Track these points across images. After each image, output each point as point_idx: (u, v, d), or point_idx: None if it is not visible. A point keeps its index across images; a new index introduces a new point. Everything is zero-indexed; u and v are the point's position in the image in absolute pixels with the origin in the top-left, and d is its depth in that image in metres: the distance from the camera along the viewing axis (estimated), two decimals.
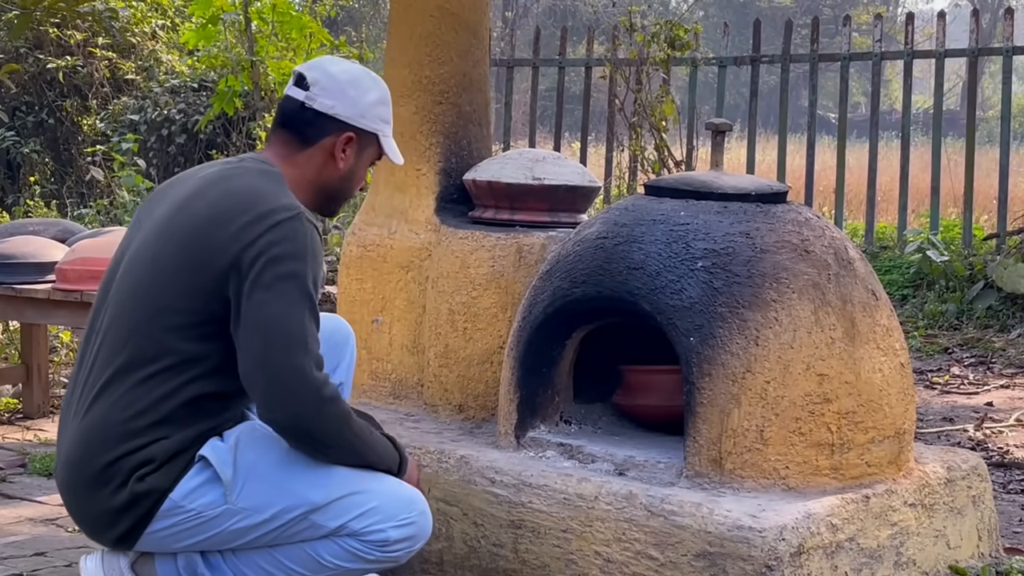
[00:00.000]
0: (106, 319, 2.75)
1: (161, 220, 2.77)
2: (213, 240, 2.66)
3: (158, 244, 2.73)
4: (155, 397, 2.65)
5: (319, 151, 2.85)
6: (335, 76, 2.85)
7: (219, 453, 2.67)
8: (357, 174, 2.91)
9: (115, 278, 2.80)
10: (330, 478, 2.71)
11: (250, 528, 2.70)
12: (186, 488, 2.66)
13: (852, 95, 19.45)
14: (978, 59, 9.96)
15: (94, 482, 2.66)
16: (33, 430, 5.24)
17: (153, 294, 2.68)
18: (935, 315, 8.23)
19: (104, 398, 2.68)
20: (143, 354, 2.66)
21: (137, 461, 2.64)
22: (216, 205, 2.70)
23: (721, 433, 3.09)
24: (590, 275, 3.31)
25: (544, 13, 30.40)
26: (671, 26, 9.96)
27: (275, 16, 10.07)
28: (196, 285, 2.66)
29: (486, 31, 4.21)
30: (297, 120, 2.84)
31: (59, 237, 5.24)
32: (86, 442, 2.67)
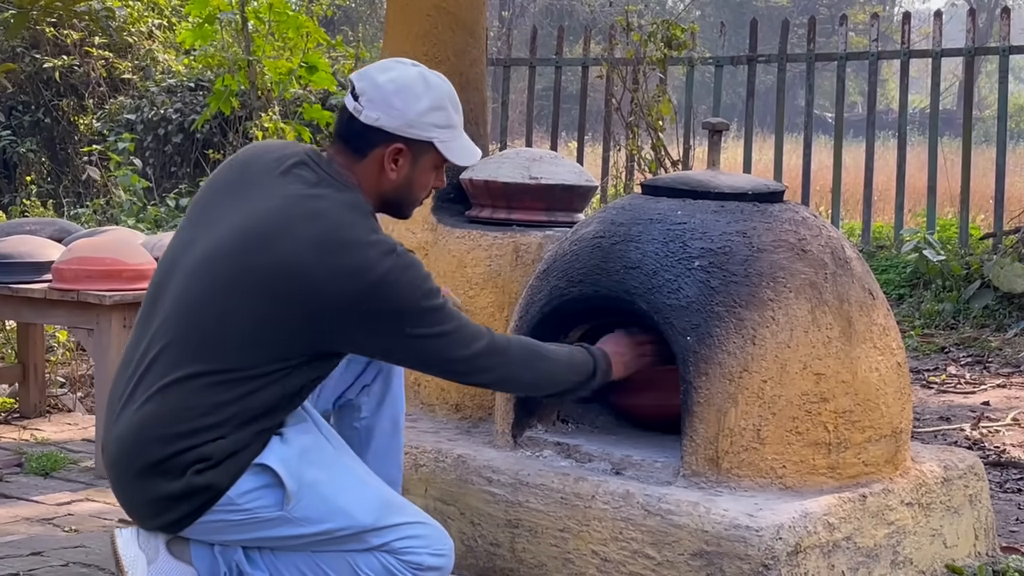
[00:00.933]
0: (169, 316, 2.74)
1: (240, 240, 2.71)
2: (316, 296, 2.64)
3: (237, 267, 2.69)
4: (219, 401, 2.67)
5: (372, 162, 2.79)
6: (381, 86, 2.77)
7: (286, 464, 2.71)
8: (417, 181, 2.85)
9: (176, 273, 2.77)
10: (384, 505, 2.79)
11: (299, 536, 2.75)
12: (243, 487, 2.69)
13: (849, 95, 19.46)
14: (975, 59, 9.96)
15: (148, 472, 2.69)
16: (30, 430, 5.24)
17: (235, 315, 2.67)
18: (932, 314, 8.24)
19: (163, 397, 2.69)
20: (214, 362, 2.68)
21: (196, 457, 2.67)
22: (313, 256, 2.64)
23: (718, 432, 3.09)
24: (587, 274, 3.31)
25: (541, 13, 30.40)
26: (668, 26, 9.96)
27: (272, 15, 10.07)
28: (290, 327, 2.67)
29: (483, 30, 4.21)
30: (349, 132, 2.80)
31: (56, 236, 5.24)
32: (140, 436, 2.69)
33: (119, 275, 4.54)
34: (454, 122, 2.83)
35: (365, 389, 3.10)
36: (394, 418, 3.15)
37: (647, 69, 9.87)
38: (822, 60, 10.60)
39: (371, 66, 2.86)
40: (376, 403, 3.12)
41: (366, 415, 3.12)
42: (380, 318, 2.67)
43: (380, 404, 3.12)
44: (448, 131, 2.82)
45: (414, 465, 3.46)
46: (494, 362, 2.83)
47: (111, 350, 4.50)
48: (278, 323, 2.66)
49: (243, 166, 2.86)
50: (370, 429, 3.12)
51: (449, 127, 2.82)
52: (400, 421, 3.18)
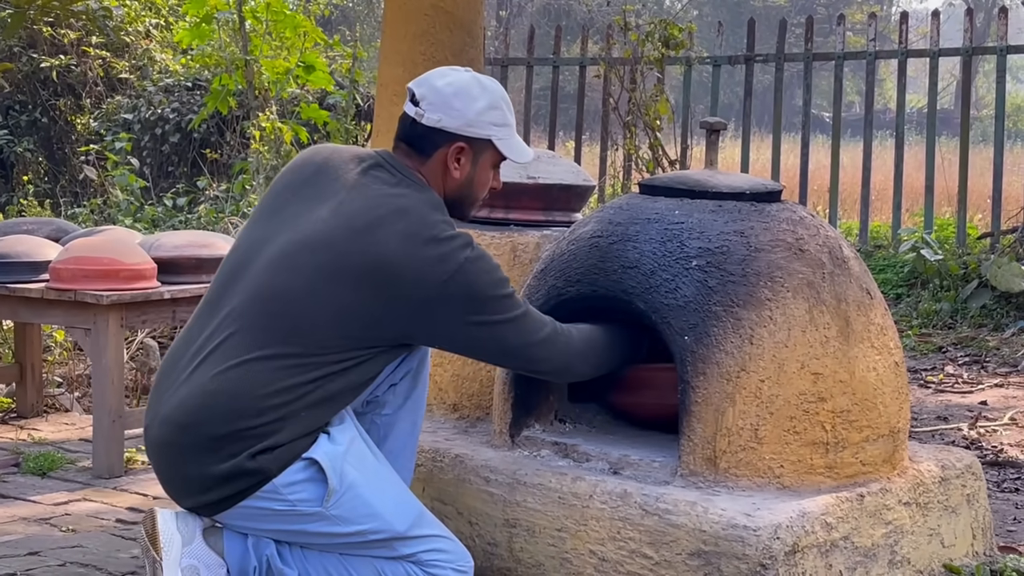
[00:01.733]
0: (249, 298, 2.83)
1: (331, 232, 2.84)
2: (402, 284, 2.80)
3: (331, 256, 2.82)
4: (294, 383, 2.76)
5: (436, 163, 2.97)
6: (440, 90, 2.95)
7: (332, 460, 2.78)
8: (478, 179, 3.02)
9: (257, 259, 2.88)
10: (417, 515, 2.88)
11: (333, 535, 2.81)
12: (289, 479, 2.75)
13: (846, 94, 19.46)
14: (972, 58, 9.97)
15: (204, 447, 2.75)
16: (27, 429, 5.23)
17: (324, 302, 2.79)
18: (929, 314, 8.24)
19: (239, 372, 2.76)
20: (295, 346, 2.78)
21: (256, 437, 2.73)
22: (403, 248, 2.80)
23: (716, 432, 3.09)
24: (585, 274, 3.31)
25: (538, 12, 30.40)
26: (665, 25, 9.97)
27: (269, 15, 10.07)
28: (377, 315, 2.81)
29: (480, 30, 4.21)
30: (412, 135, 2.97)
31: (53, 236, 5.23)
32: (207, 407, 2.75)
33: (116, 275, 4.54)
34: (509, 121, 3.02)
35: (392, 388, 3.13)
36: (414, 419, 3.19)
37: (645, 69, 9.89)
38: (820, 60, 10.61)
39: (428, 73, 3.04)
40: (400, 402, 3.15)
41: (388, 412, 3.15)
42: (459, 304, 2.83)
43: (403, 403, 3.15)
44: (505, 129, 3.00)
45: None
46: (556, 351, 3.01)
47: (108, 350, 4.50)
48: (363, 310, 2.80)
49: (318, 167, 3.00)
50: (390, 426, 3.15)
51: (505, 125, 3.00)
52: (419, 423, 3.21)
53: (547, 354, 3.00)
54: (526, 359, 3.00)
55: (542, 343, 2.98)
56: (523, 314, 2.94)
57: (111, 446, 4.52)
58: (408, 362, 3.09)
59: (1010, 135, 13.86)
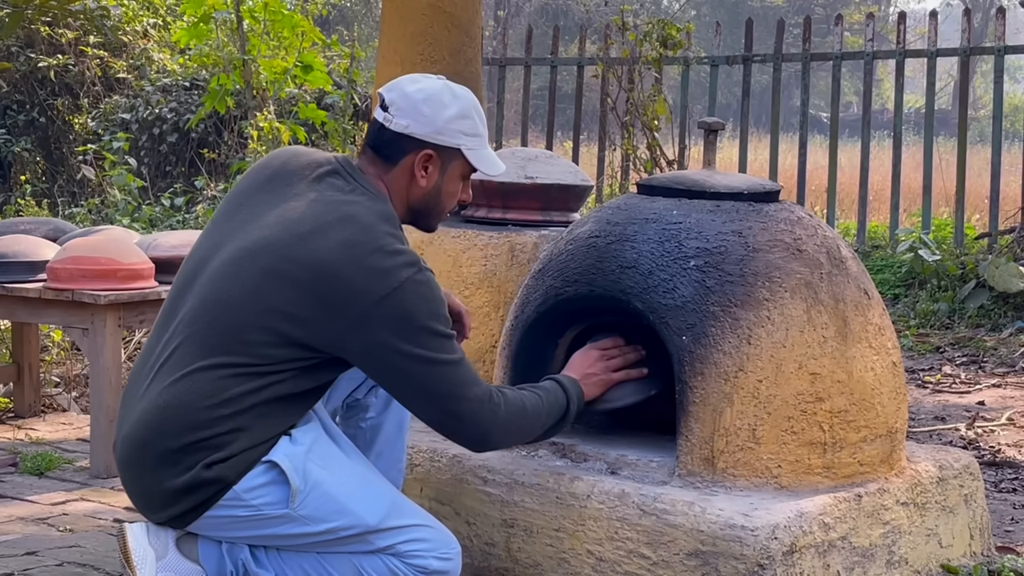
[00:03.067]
0: (196, 308, 2.78)
1: (276, 239, 2.77)
2: (340, 290, 2.70)
3: (273, 262, 2.74)
4: (238, 392, 2.70)
5: (402, 171, 2.88)
6: (410, 95, 2.87)
7: (292, 460, 2.73)
8: (446, 190, 2.93)
9: (206, 268, 2.82)
10: (390, 506, 2.81)
11: (304, 535, 2.77)
12: (250, 484, 2.71)
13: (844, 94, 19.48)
14: (970, 58, 9.97)
15: (161, 461, 2.71)
16: (24, 429, 5.23)
17: (264, 309, 2.72)
18: (927, 314, 8.24)
19: (185, 384, 2.72)
20: (237, 355, 2.71)
21: (209, 447, 2.69)
22: (344, 255, 2.71)
23: (713, 432, 3.09)
24: (582, 274, 3.31)
25: (536, 12, 30.40)
26: (663, 25, 9.97)
27: (267, 15, 10.07)
28: (313, 322, 2.71)
29: (478, 30, 4.21)
30: (380, 142, 2.89)
31: (50, 236, 5.23)
32: (159, 422, 2.72)
33: (114, 275, 4.54)
34: (480, 132, 2.93)
35: (374, 389, 3.11)
36: (399, 421, 3.17)
37: (643, 69, 9.89)
38: (818, 60, 10.61)
39: (399, 79, 2.95)
40: (384, 404, 3.14)
41: (372, 415, 3.13)
42: (391, 326, 2.70)
43: (387, 405, 3.14)
44: (475, 139, 2.91)
45: (409, 465, 3.46)
46: (481, 418, 2.81)
47: (106, 350, 4.50)
48: (300, 317, 2.71)
49: (274, 171, 2.93)
50: (375, 429, 3.14)
51: (476, 136, 2.91)
52: (405, 424, 3.19)
53: (471, 416, 2.79)
54: (446, 413, 2.79)
55: (469, 402, 2.78)
56: (458, 361, 2.77)
57: (109, 446, 4.52)
58: None
59: (1008, 135, 13.86)
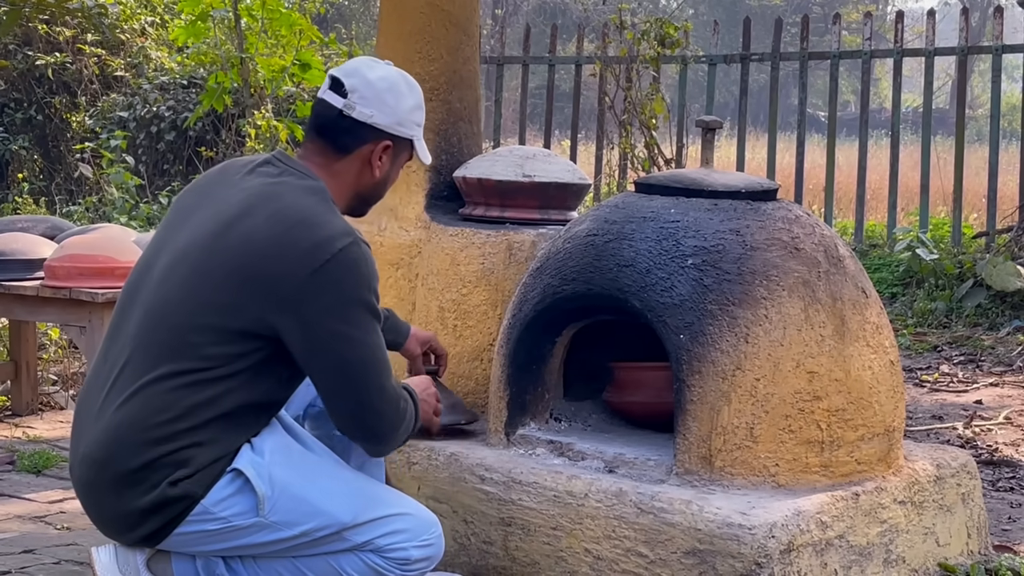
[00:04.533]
0: (140, 320, 2.71)
1: (206, 233, 2.72)
2: (268, 266, 2.63)
3: (203, 256, 2.69)
4: (193, 403, 2.62)
5: (356, 159, 2.82)
6: (373, 83, 2.81)
7: (256, 467, 2.67)
8: (391, 178, 2.92)
9: (147, 279, 2.76)
10: (361, 499, 2.75)
11: (279, 541, 2.71)
12: (217, 496, 2.65)
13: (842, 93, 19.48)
14: (968, 57, 9.97)
15: (122, 482, 2.64)
16: (22, 427, 5.23)
17: (198, 305, 2.65)
18: (925, 313, 8.25)
19: (138, 400, 2.64)
20: (183, 361, 2.64)
21: (171, 464, 2.62)
22: (269, 229, 2.66)
23: (711, 431, 3.09)
24: (580, 272, 3.31)
25: (534, 11, 30.39)
26: (661, 24, 9.97)
27: (265, 13, 10.06)
28: (245, 305, 2.64)
29: (476, 28, 4.20)
30: (335, 128, 2.81)
31: (48, 234, 5.23)
32: (115, 441, 2.64)
33: (111, 273, 4.54)
34: (423, 123, 2.94)
35: None
36: None
37: (640, 67, 9.88)
38: (815, 59, 10.62)
39: (355, 63, 2.88)
40: None
41: None
42: (324, 301, 2.61)
43: None
44: (421, 130, 2.92)
45: (407, 463, 3.46)
46: (394, 413, 2.73)
47: None
48: (236, 304, 2.63)
49: (210, 179, 2.89)
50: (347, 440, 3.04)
51: (422, 127, 2.93)
52: None
53: (383, 408, 2.70)
54: (357, 402, 2.69)
55: (385, 392, 2.70)
56: (381, 347, 2.69)
57: None
58: None
59: (1005, 134, 13.85)
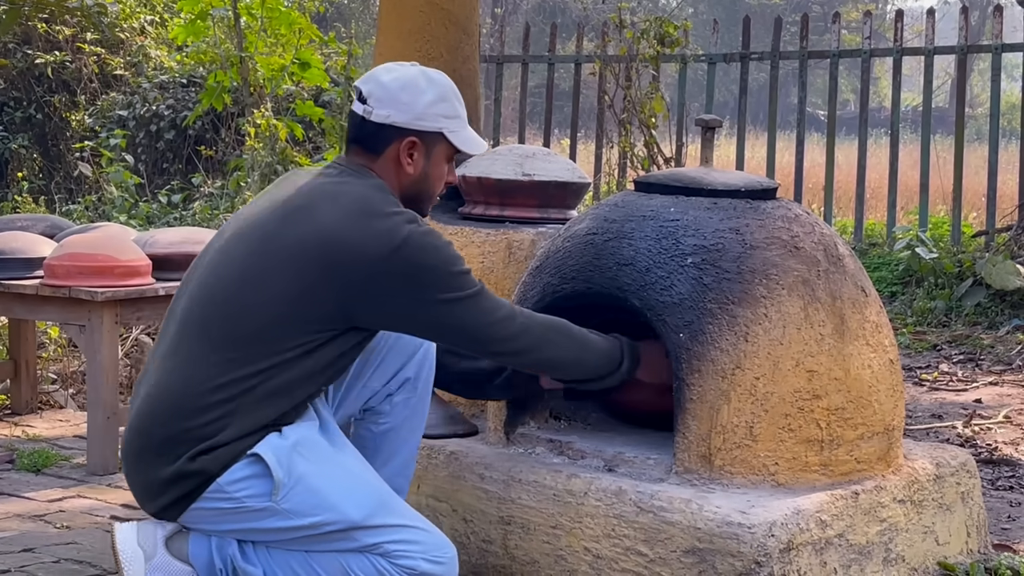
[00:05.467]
0: (192, 294, 2.84)
1: (266, 219, 2.82)
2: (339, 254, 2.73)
3: (263, 239, 2.79)
4: (229, 379, 2.72)
5: (388, 160, 2.92)
6: (386, 85, 2.90)
7: (277, 453, 2.72)
8: (433, 173, 2.97)
9: (204, 259, 2.88)
10: (377, 503, 2.79)
11: (288, 529, 2.76)
12: (234, 476, 2.72)
13: (841, 92, 19.48)
14: (967, 56, 9.97)
15: (152, 451, 2.75)
16: (21, 426, 5.23)
17: (245, 284, 2.76)
18: (924, 312, 8.25)
19: (176, 374, 2.76)
20: (235, 336, 2.74)
21: (196, 439, 2.71)
22: (337, 220, 2.76)
23: (711, 429, 3.09)
24: (580, 271, 3.31)
25: (533, 9, 30.38)
26: (661, 23, 9.97)
27: (264, 12, 10.05)
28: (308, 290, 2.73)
29: (475, 27, 4.21)
30: (363, 134, 2.92)
31: (47, 233, 5.23)
32: (152, 411, 2.76)
33: (111, 271, 4.54)
34: (459, 113, 2.97)
35: (389, 398, 3.09)
36: (412, 429, 3.14)
37: (640, 66, 9.88)
38: (815, 58, 10.61)
39: (373, 70, 2.99)
40: (398, 413, 3.11)
41: (385, 422, 3.11)
42: (406, 280, 2.74)
43: (401, 414, 3.11)
44: (455, 121, 2.95)
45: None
46: (518, 330, 2.88)
47: (103, 346, 4.50)
48: (297, 291, 2.73)
49: (275, 182, 3.02)
50: (386, 436, 3.11)
51: (456, 117, 2.95)
52: (418, 433, 3.16)
53: (510, 333, 2.87)
54: (488, 339, 2.87)
55: (503, 322, 2.86)
56: (479, 292, 2.83)
57: (105, 443, 4.52)
58: (405, 370, 3.06)
59: (1005, 133, 13.85)
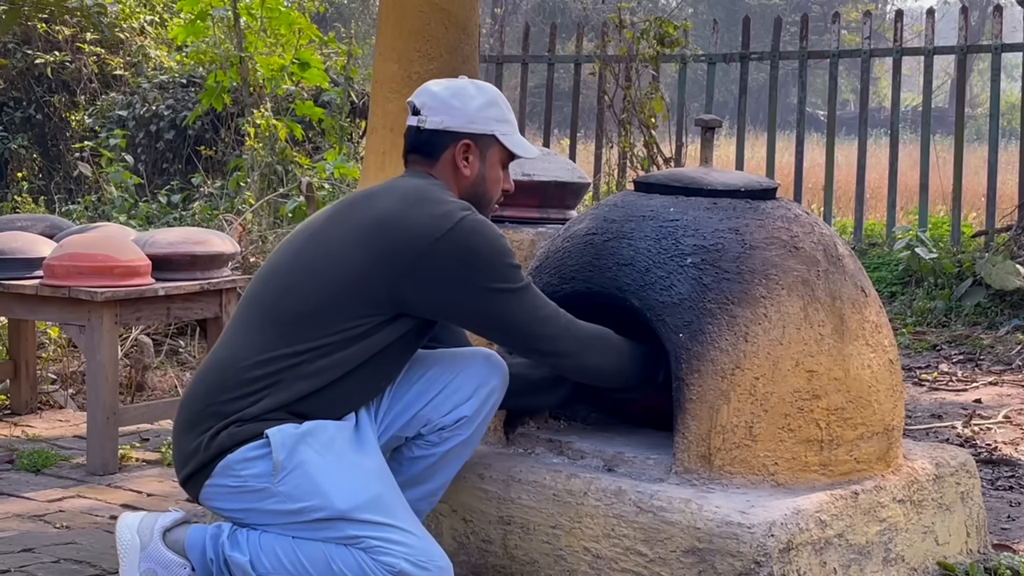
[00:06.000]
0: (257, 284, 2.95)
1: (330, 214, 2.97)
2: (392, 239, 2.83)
3: (325, 228, 2.92)
4: (272, 355, 2.81)
5: (445, 164, 3.02)
6: (437, 94, 3.03)
7: (284, 437, 2.79)
8: (489, 176, 3.06)
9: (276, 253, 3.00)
10: (369, 498, 2.80)
11: (281, 512, 2.81)
12: (243, 455, 2.79)
13: (841, 92, 19.48)
14: (967, 56, 9.97)
15: (186, 424, 2.87)
16: (21, 426, 5.23)
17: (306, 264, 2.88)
18: (924, 312, 8.25)
19: (229, 347, 2.87)
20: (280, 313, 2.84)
21: (223, 415, 2.80)
22: (393, 207, 2.87)
23: (710, 429, 3.09)
24: (579, 271, 3.31)
25: (533, 10, 30.39)
26: (660, 23, 9.96)
27: (264, 12, 10.05)
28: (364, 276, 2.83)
29: (475, 27, 4.21)
30: (419, 143, 3.04)
31: (47, 233, 5.23)
32: (198, 384, 2.88)
33: (110, 271, 4.54)
34: (509, 118, 3.08)
35: (440, 432, 3.08)
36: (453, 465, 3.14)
37: (640, 66, 9.87)
38: (814, 58, 10.61)
39: (424, 85, 3.11)
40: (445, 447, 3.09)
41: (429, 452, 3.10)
42: (454, 264, 2.82)
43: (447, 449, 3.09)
44: (506, 125, 3.07)
45: None
46: (562, 331, 2.95)
47: (102, 347, 4.49)
48: (353, 274, 2.83)
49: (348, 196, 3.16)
50: (423, 460, 3.10)
51: (507, 122, 3.07)
52: (455, 469, 3.15)
53: (553, 332, 2.93)
54: (530, 335, 2.92)
55: (547, 320, 2.92)
56: (527, 286, 2.90)
57: (105, 443, 4.52)
58: (463, 408, 3.05)
59: (1004, 133, 13.84)
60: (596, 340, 3.03)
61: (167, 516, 2.91)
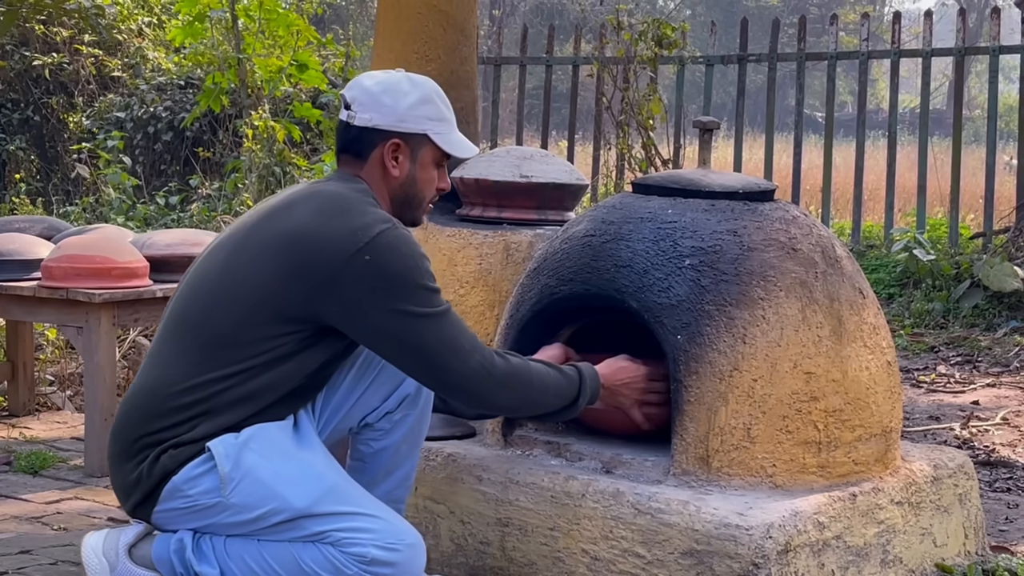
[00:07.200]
0: (181, 295, 2.87)
1: (248, 221, 2.86)
2: (309, 252, 2.73)
3: (243, 238, 2.82)
4: (202, 380, 2.73)
5: (374, 165, 2.91)
6: (369, 89, 2.91)
7: (226, 448, 2.73)
8: (420, 177, 2.95)
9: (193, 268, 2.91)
10: (325, 491, 2.76)
11: (240, 524, 2.76)
12: (188, 475, 2.73)
13: (839, 94, 19.49)
14: (965, 58, 9.98)
15: (123, 454, 2.79)
16: (19, 428, 5.23)
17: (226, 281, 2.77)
18: (922, 314, 8.25)
19: (156, 372, 2.78)
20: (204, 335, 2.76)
21: (161, 442, 2.73)
22: (312, 218, 2.76)
23: (708, 431, 3.09)
24: (577, 273, 3.31)
25: (531, 11, 30.39)
26: (658, 24, 9.97)
27: (262, 13, 10.06)
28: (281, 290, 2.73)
29: (473, 28, 4.21)
30: (347, 140, 2.93)
31: (45, 234, 5.23)
32: (128, 413, 2.79)
33: (108, 273, 4.53)
34: (445, 116, 2.95)
35: (388, 416, 3.07)
36: (412, 445, 3.12)
37: (637, 68, 9.88)
38: (812, 59, 10.62)
39: (358, 77, 2.99)
40: (397, 430, 3.09)
41: (384, 439, 3.09)
42: (368, 283, 2.70)
43: (401, 431, 3.09)
44: (441, 124, 2.93)
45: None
46: (475, 369, 2.78)
47: (100, 348, 4.49)
48: (270, 288, 2.73)
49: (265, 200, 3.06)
50: (387, 450, 3.10)
51: (441, 120, 2.93)
52: (417, 450, 3.15)
53: (464, 368, 2.76)
54: (440, 367, 2.75)
55: (459, 353, 2.75)
56: (444, 312, 2.75)
57: (103, 444, 4.50)
58: (405, 386, 3.03)
59: (1002, 135, 13.85)
60: (513, 380, 2.85)
61: (129, 531, 2.84)
